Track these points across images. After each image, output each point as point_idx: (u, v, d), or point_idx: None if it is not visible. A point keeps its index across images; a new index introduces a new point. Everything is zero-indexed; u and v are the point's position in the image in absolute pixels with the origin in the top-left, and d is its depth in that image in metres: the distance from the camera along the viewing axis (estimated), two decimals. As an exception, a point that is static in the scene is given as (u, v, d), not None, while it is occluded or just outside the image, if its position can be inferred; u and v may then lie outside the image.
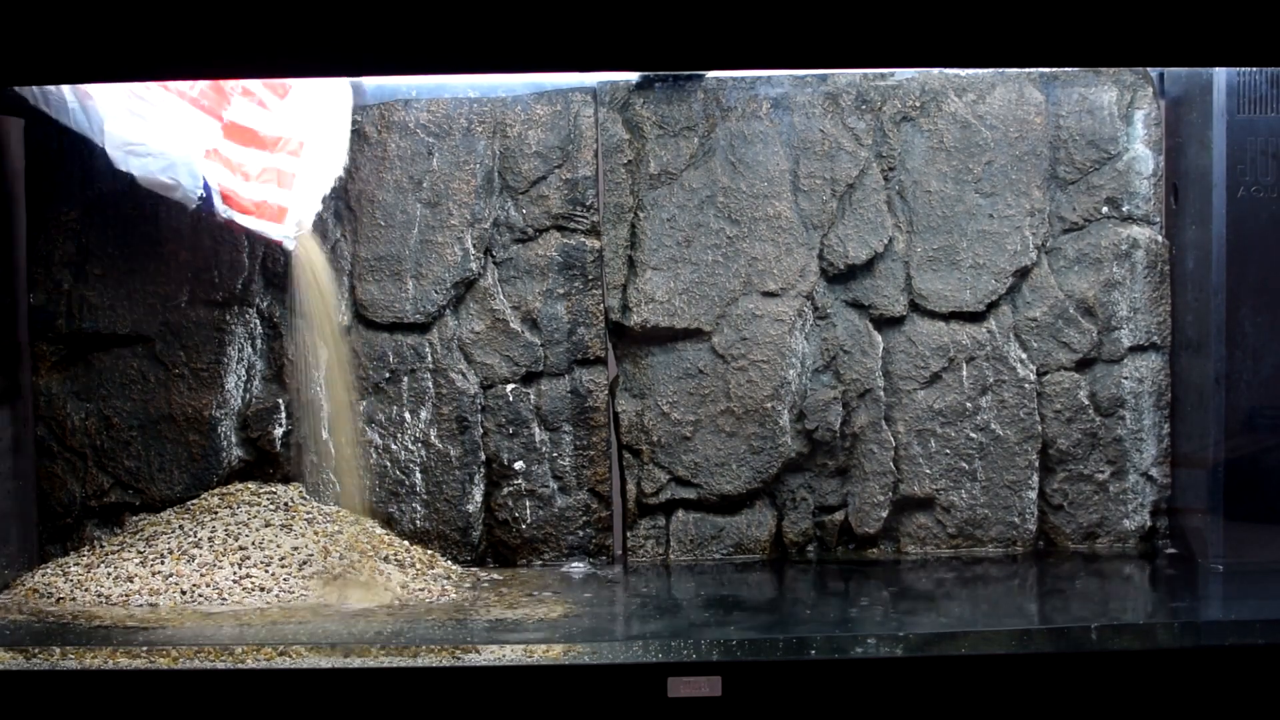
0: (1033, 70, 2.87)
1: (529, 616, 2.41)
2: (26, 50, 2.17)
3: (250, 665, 2.16)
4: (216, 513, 2.70)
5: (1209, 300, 2.75)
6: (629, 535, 2.92)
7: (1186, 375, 2.86)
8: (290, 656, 2.17)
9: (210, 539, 2.61)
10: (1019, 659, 2.17)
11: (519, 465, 2.88)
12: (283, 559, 2.57)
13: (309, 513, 2.72)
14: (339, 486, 2.83)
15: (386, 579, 2.58)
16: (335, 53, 2.20)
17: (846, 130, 2.87)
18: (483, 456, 2.89)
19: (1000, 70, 2.86)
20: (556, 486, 2.89)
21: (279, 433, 2.87)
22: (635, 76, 2.87)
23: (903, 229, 2.88)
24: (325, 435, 2.83)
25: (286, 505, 2.74)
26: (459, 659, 2.17)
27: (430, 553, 2.77)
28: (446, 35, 2.16)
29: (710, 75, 2.87)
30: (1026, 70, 2.87)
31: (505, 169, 2.87)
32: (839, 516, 2.91)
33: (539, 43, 2.17)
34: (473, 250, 2.87)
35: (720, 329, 2.87)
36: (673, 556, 2.91)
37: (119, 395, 2.87)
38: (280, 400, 2.87)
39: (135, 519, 2.83)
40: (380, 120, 2.87)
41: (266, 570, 2.54)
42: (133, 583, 2.52)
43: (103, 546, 2.69)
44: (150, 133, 2.49)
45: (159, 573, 2.54)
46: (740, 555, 2.91)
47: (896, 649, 2.19)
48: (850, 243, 2.87)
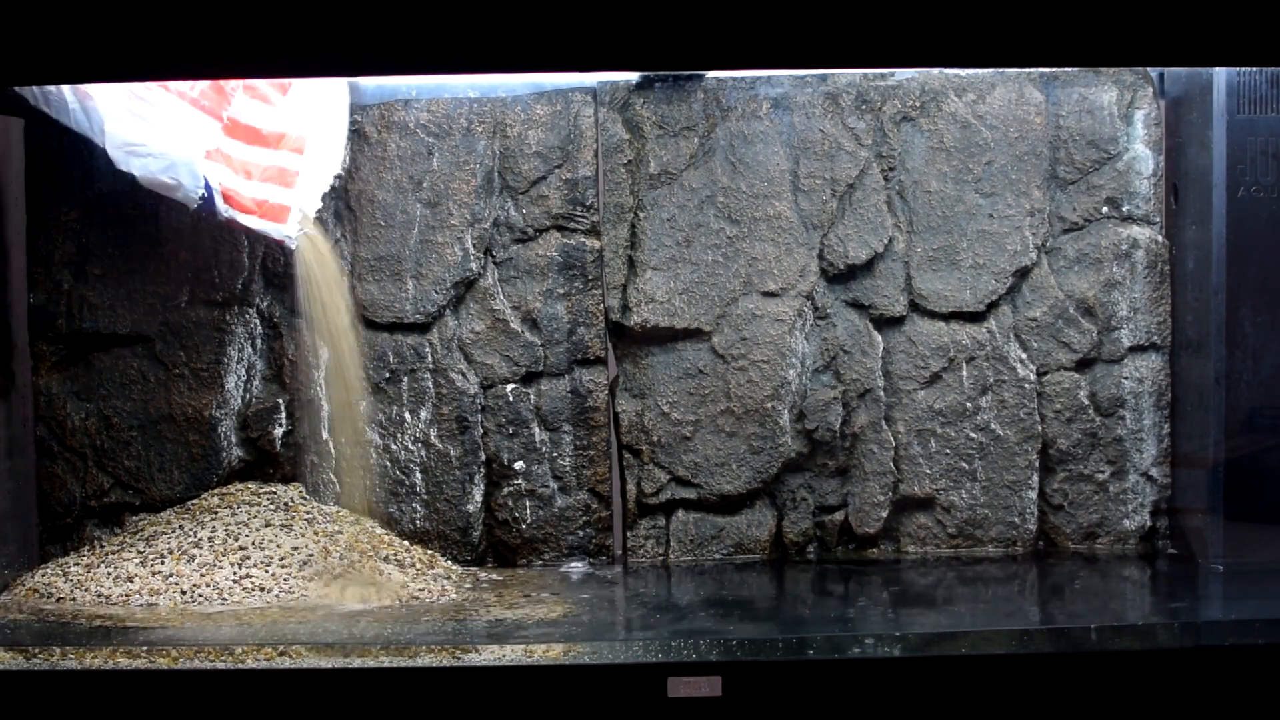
0: (1033, 70, 2.87)
1: (529, 616, 2.41)
2: (26, 50, 2.17)
3: (250, 665, 2.16)
4: (216, 513, 2.70)
5: (1209, 300, 2.75)
6: (629, 535, 2.92)
7: (1186, 375, 2.86)
8: (290, 656, 2.17)
9: (210, 539, 2.61)
10: (1019, 659, 2.17)
11: (519, 465, 2.88)
12: (283, 559, 2.57)
13: (309, 513, 2.72)
14: (339, 486, 2.84)
15: (387, 578, 2.58)
16: (335, 53, 2.20)
17: (846, 130, 2.87)
18: (483, 456, 2.89)
19: (1000, 70, 2.86)
20: (556, 486, 2.89)
21: (279, 433, 2.88)
22: (635, 76, 2.87)
23: (903, 229, 2.88)
24: (325, 435, 2.83)
25: (286, 505, 2.74)
26: (459, 659, 2.17)
27: (430, 553, 2.77)
28: (446, 35, 2.16)
29: (710, 75, 2.87)
30: (1026, 70, 2.87)
31: (505, 169, 2.87)
32: (839, 516, 2.92)
33: (539, 43, 2.17)
34: (473, 250, 2.87)
35: (720, 329, 2.87)
36: (673, 556, 2.91)
37: (119, 395, 2.88)
38: (280, 400, 2.87)
39: (135, 519, 2.83)
40: (380, 120, 2.87)
41: (266, 570, 2.54)
42: (133, 583, 2.52)
43: (103, 546, 2.69)
44: (151, 133, 2.49)
45: (159, 573, 2.54)
46: (740, 555, 2.91)
47: (897, 649, 2.19)
48: (850, 243, 2.87)
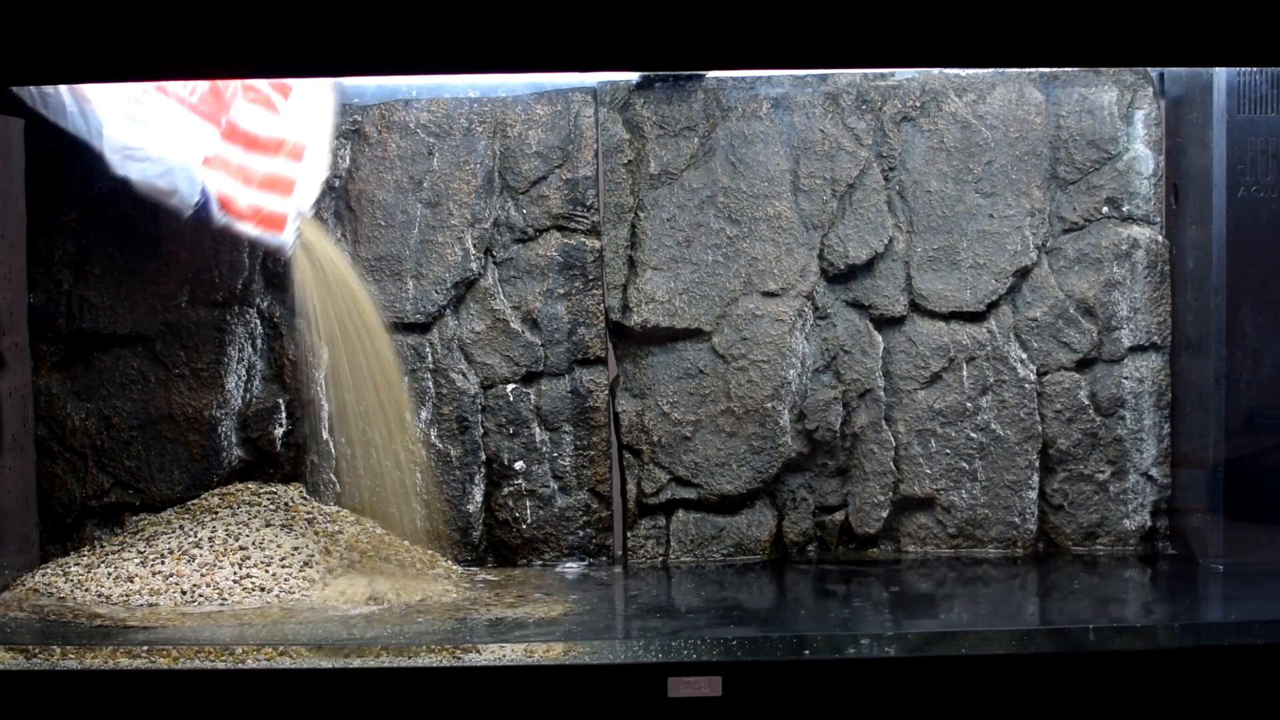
0: (1033, 70, 2.87)
1: (529, 616, 2.41)
2: (26, 50, 2.17)
3: (250, 665, 2.16)
4: (217, 513, 2.70)
5: (1209, 300, 2.75)
6: (629, 535, 2.92)
7: (1186, 375, 2.86)
8: (290, 656, 2.17)
9: (210, 539, 2.61)
10: (1019, 659, 2.17)
11: (519, 465, 2.88)
12: (283, 559, 2.57)
13: (309, 513, 2.72)
14: (339, 486, 2.83)
15: (393, 570, 2.59)
16: (335, 53, 2.20)
17: (847, 130, 2.87)
18: (483, 456, 2.89)
19: (1000, 70, 2.86)
20: (557, 486, 2.89)
21: (279, 433, 2.88)
22: (635, 76, 2.87)
23: (903, 229, 2.88)
24: (325, 435, 2.83)
25: (287, 505, 2.74)
26: (459, 659, 2.17)
27: (430, 553, 2.77)
28: (447, 35, 2.16)
29: (710, 75, 2.87)
30: (1026, 70, 2.87)
31: (505, 169, 2.87)
32: (839, 516, 2.91)
33: (539, 43, 2.17)
34: (473, 250, 2.87)
35: (720, 329, 2.87)
36: (673, 556, 2.91)
37: (119, 395, 2.88)
38: (280, 400, 2.87)
39: (135, 519, 2.83)
40: (380, 120, 2.87)
41: (266, 570, 2.54)
42: (133, 583, 2.52)
43: (103, 546, 2.69)
44: (149, 138, 2.48)
45: (159, 573, 2.54)
46: (740, 555, 2.91)
47: (897, 649, 2.19)
48: (850, 243, 2.87)
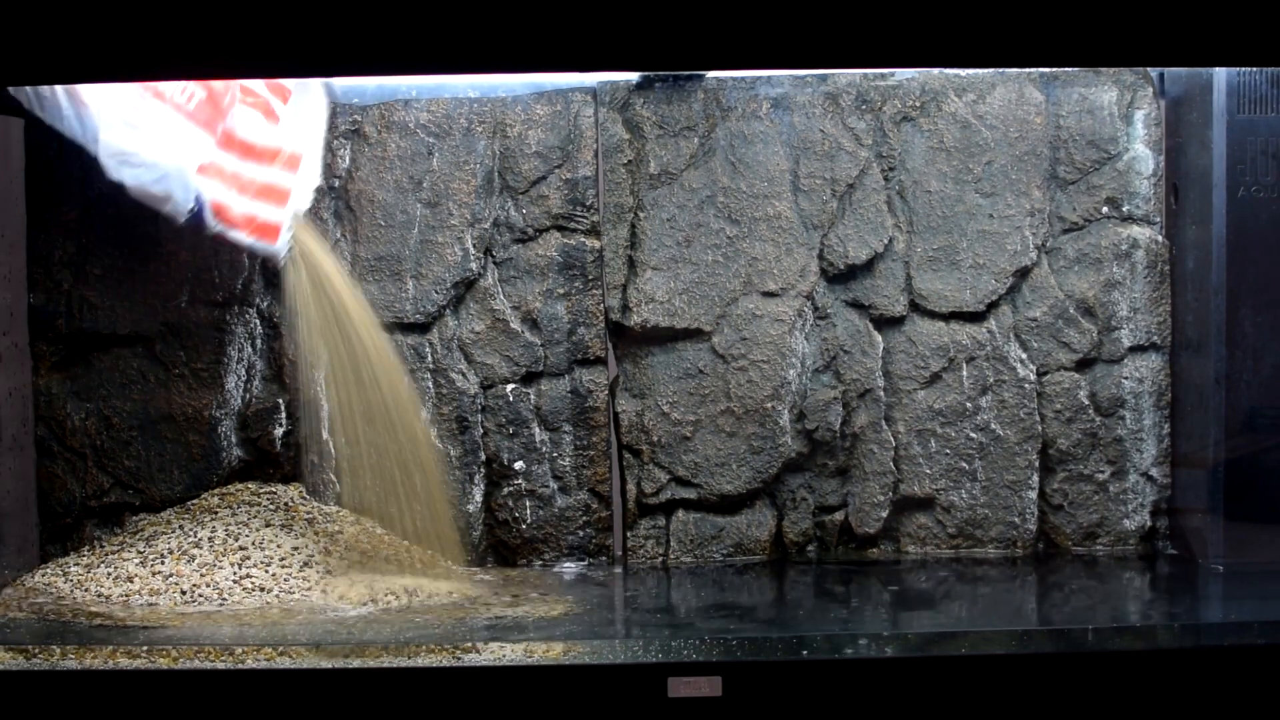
0: (1033, 70, 2.87)
1: (529, 616, 2.41)
2: (25, 50, 2.17)
3: (250, 665, 2.16)
4: (216, 513, 2.70)
5: (1209, 300, 2.75)
6: (629, 535, 2.92)
7: (1186, 375, 2.86)
8: (290, 656, 2.17)
9: (210, 539, 2.61)
10: (1019, 659, 2.17)
11: (519, 465, 2.88)
12: (283, 559, 2.57)
13: (309, 513, 2.72)
14: (339, 486, 2.83)
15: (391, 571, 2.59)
16: (335, 53, 2.20)
17: (846, 130, 2.87)
18: (483, 456, 2.89)
19: (1000, 70, 2.86)
20: (556, 486, 2.89)
21: (279, 433, 2.88)
22: (635, 76, 2.87)
23: (903, 229, 2.88)
24: (325, 435, 2.83)
25: (286, 505, 2.74)
26: (459, 659, 2.17)
27: (430, 553, 2.77)
28: (447, 35, 2.16)
29: (710, 75, 2.87)
30: (1026, 70, 2.87)
31: (505, 169, 2.87)
32: (839, 516, 2.91)
33: (539, 43, 2.17)
34: (473, 250, 2.87)
35: (720, 329, 2.87)
36: (673, 556, 2.91)
37: (119, 395, 2.87)
38: (280, 400, 2.87)
39: (135, 519, 2.83)
40: (380, 120, 2.87)
41: (266, 570, 2.54)
42: (133, 583, 2.52)
43: (103, 546, 2.69)
44: (144, 143, 2.47)
45: (159, 573, 2.54)
46: (740, 555, 2.91)
47: (897, 649, 2.19)
48: (850, 243, 2.87)
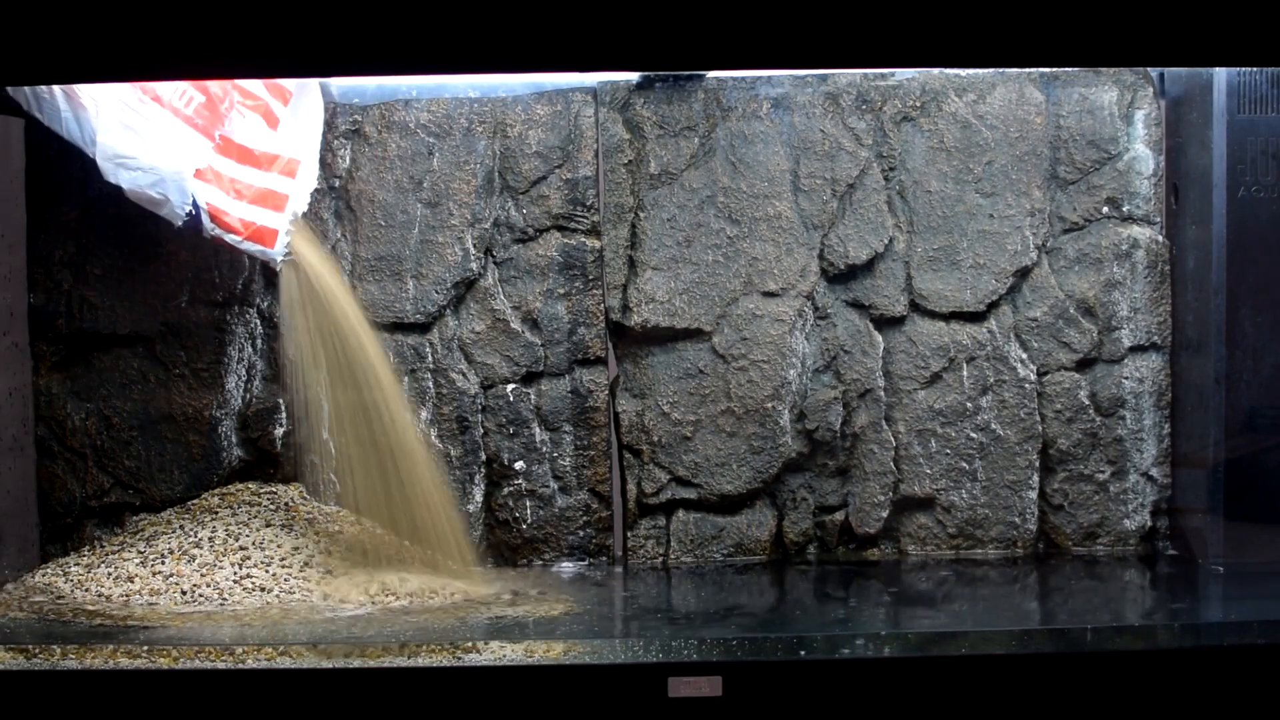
0: (1033, 70, 2.87)
1: (529, 616, 2.41)
2: (25, 50, 2.17)
3: (250, 665, 2.16)
4: (217, 513, 2.70)
5: (1209, 300, 2.75)
6: (629, 535, 2.92)
7: (1186, 375, 2.86)
8: (290, 656, 2.17)
9: (210, 539, 2.61)
10: (1019, 659, 2.17)
11: (519, 465, 2.88)
12: (283, 559, 2.57)
13: (309, 513, 2.72)
14: (339, 486, 2.83)
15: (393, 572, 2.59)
16: (336, 53, 2.20)
17: (847, 130, 2.87)
18: (483, 456, 2.89)
19: (1000, 70, 2.86)
20: (557, 486, 2.89)
21: (279, 433, 2.88)
22: (635, 76, 2.87)
23: (903, 229, 2.88)
24: (325, 435, 2.83)
25: (287, 505, 2.74)
26: (459, 659, 2.17)
27: (430, 553, 2.77)
28: (447, 35, 2.16)
29: (710, 75, 2.87)
30: (1026, 70, 2.87)
31: (505, 169, 2.87)
32: (839, 516, 2.91)
33: (539, 43, 2.17)
34: (473, 250, 2.87)
35: (720, 329, 2.87)
36: (673, 556, 2.91)
37: (119, 395, 2.87)
38: (280, 400, 2.87)
39: (135, 519, 2.83)
40: (380, 120, 2.87)
41: (266, 570, 2.54)
42: (133, 583, 2.52)
43: (103, 546, 2.69)
44: (142, 147, 2.47)
45: (159, 573, 2.54)
46: (741, 555, 2.91)
47: (897, 649, 2.19)
48: (850, 243, 2.87)
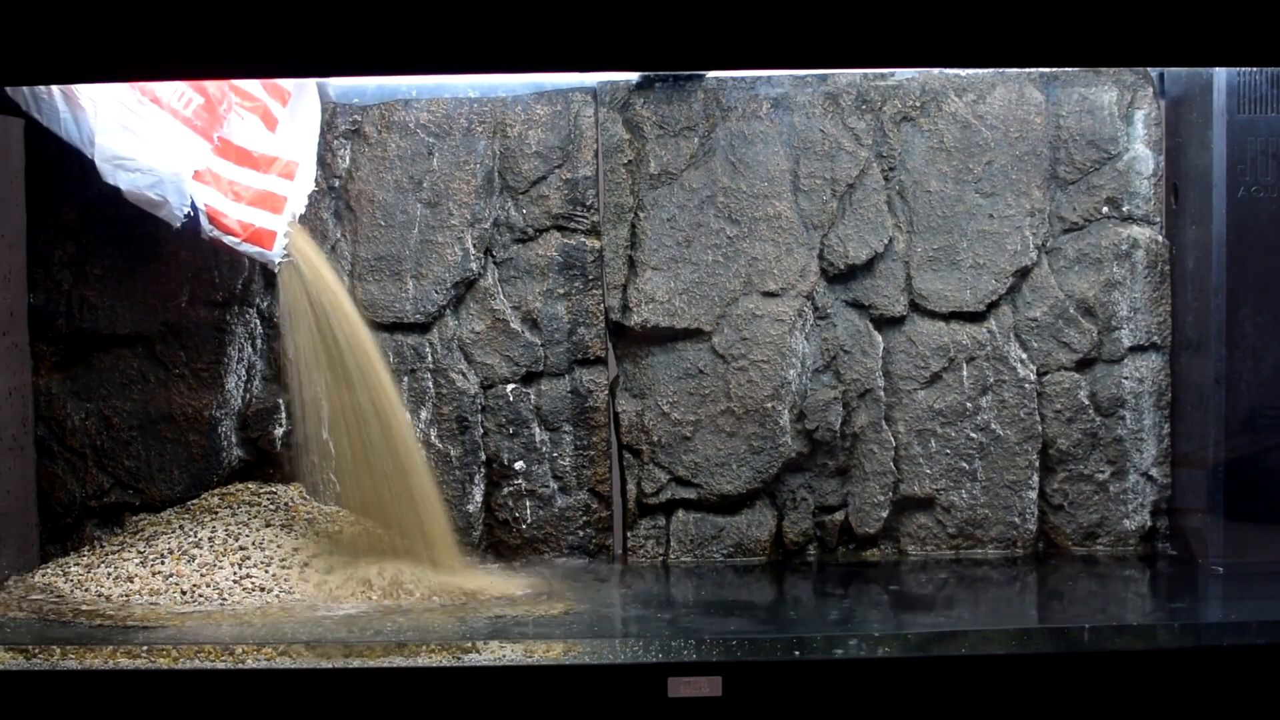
0: (1033, 70, 2.87)
1: (529, 616, 2.41)
2: (24, 50, 2.17)
3: (250, 665, 2.16)
4: (217, 513, 2.70)
5: (1209, 300, 2.75)
6: (629, 535, 2.92)
7: (1186, 375, 2.86)
8: (290, 656, 2.17)
9: (210, 539, 2.61)
10: (1019, 659, 2.17)
11: (519, 465, 2.88)
12: (283, 559, 2.57)
13: (309, 513, 2.72)
14: (339, 486, 2.83)
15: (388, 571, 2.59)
16: (335, 53, 2.20)
17: (847, 130, 2.87)
18: (483, 456, 2.89)
19: (1000, 70, 2.86)
20: (557, 486, 2.89)
21: (279, 433, 2.88)
22: (635, 76, 2.87)
23: (903, 229, 2.88)
24: (325, 435, 2.82)
25: (286, 505, 2.74)
26: (459, 659, 2.17)
27: (430, 552, 2.76)
28: (447, 35, 2.16)
29: (710, 75, 2.87)
30: (1026, 70, 2.87)
31: (505, 169, 2.87)
32: (839, 516, 2.91)
33: (539, 43, 2.17)
34: (473, 250, 2.87)
35: (720, 329, 2.87)
36: (673, 557, 2.91)
37: (119, 395, 2.88)
38: (280, 400, 2.87)
39: (135, 519, 2.83)
40: (380, 120, 2.87)
41: (266, 570, 2.54)
42: (133, 583, 2.52)
43: (103, 546, 2.69)
44: (140, 148, 2.46)
45: (159, 573, 2.54)
46: (740, 555, 2.91)
47: (897, 649, 2.19)
48: (850, 243, 2.87)
